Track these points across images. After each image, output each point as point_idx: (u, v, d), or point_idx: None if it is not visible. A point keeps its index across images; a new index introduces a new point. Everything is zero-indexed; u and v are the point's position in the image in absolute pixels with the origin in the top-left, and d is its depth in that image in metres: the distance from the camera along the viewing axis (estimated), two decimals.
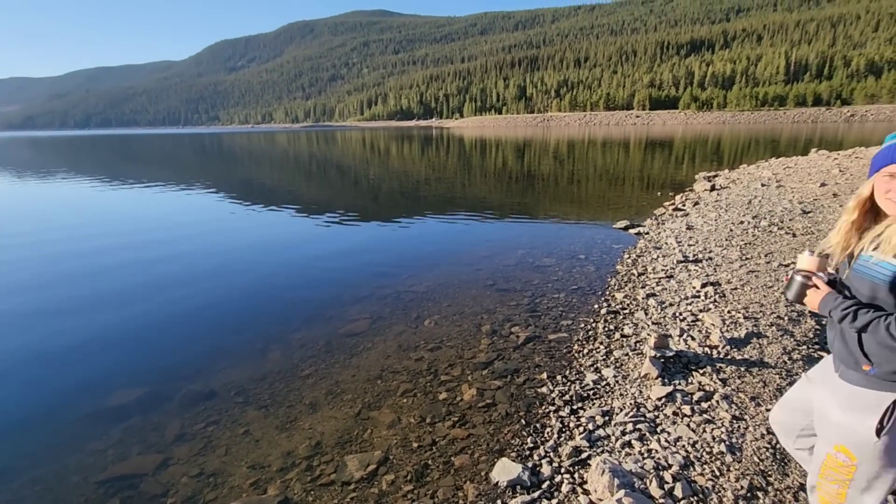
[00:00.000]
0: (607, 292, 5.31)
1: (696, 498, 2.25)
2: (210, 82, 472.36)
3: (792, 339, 3.78)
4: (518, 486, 2.47)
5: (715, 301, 4.59)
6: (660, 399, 3.05)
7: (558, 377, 3.58)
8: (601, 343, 4.04)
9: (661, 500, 2.23)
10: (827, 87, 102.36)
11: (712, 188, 11.37)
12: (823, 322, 4.05)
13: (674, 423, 2.83)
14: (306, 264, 7.10)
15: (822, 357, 3.13)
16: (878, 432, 1.41)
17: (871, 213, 1.48)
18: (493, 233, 8.97)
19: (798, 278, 1.56)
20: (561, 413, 3.09)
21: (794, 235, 6.78)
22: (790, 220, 7.65)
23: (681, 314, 4.35)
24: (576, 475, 2.49)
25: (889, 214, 1.41)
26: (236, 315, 5.30)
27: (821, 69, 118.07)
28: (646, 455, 2.57)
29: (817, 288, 1.51)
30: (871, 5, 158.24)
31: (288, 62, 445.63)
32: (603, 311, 4.75)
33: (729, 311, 4.31)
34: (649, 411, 2.96)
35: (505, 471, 2.56)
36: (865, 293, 1.42)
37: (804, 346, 3.69)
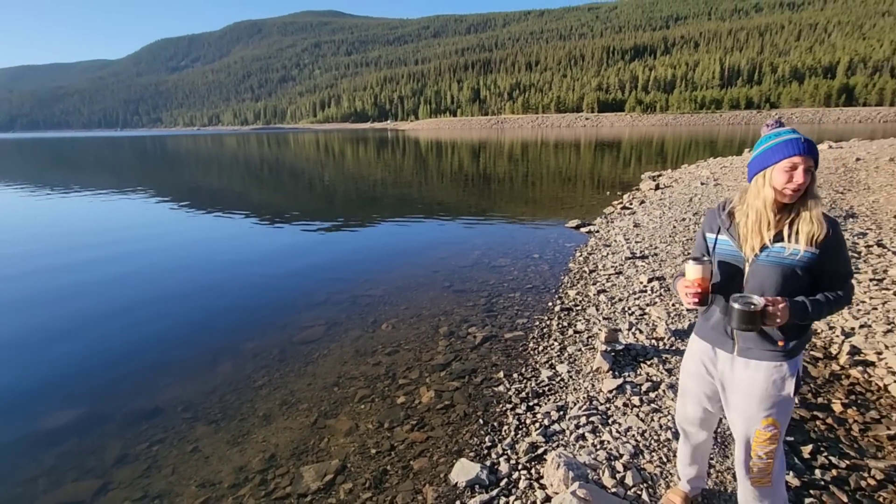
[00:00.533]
0: (561, 290, 5.46)
1: (645, 484, 2.35)
2: (151, 82, 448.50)
3: None
4: (477, 486, 2.49)
5: (660, 295, 4.81)
6: (611, 391, 3.16)
7: (515, 375, 3.64)
8: (555, 340, 4.15)
9: (614, 489, 2.31)
10: (757, 91, 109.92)
11: (657, 187, 11.92)
12: None
13: (624, 413, 2.94)
14: (258, 271, 6.87)
15: None
16: (795, 392, 1.66)
17: None
18: (450, 234, 9.01)
19: (737, 306, 1.51)
20: (518, 410, 3.15)
21: None
22: None
23: (629, 308, 4.54)
24: (532, 471, 2.54)
25: (786, 202, 1.57)
26: (183, 327, 5.05)
27: (751, 75, 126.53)
28: (598, 446, 2.66)
29: (773, 305, 1.50)
30: (793, 16, 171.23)
31: (235, 62, 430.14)
32: (557, 308, 4.87)
33: (673, 304, 4.53)
34: (601, 404, 3.07)
35: (464, 471, 2.57)
36: (780, 279, 1.57)
37: None
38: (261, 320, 5.09)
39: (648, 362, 3.52)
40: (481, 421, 3.11)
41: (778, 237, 1.58)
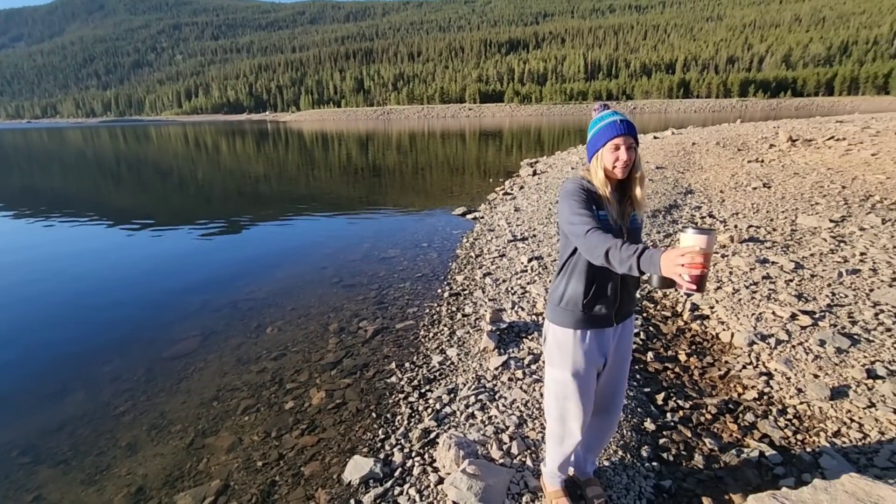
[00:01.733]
0: (449, 276, 5.60)
1: (529, 451, 2.51)
2: None
3: None
4: (371, 480, 2.46)
5: (539, 273, 5.17)
6: (497, 368, 3.33)
7: (406, 364, 3.66)
8: (445, 325, 4.25)
9: (501, 461, 2.44)
10: (615, 84, 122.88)
11: (534, 173, 12.76)
12: None
13: (509, 388, 3.11)
14: (119, 284, 6.04)
15: None
16: None
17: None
18: (339, 229, 8.76)
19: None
20: (410, 399, 3.17)
21: None
22: None
23: (512, 288, 4.80)
24: (426, 455, 2.58)
25: (619, 178, 1.71)
26: (18, 355, 4.25)
27: (610, 69, 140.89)
28: (487, 422, 2.78)
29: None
30: (640, 18, 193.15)
31: (73, 43, 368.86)
32: (446, 294, 4.99)
33: (550, 281, 4.89)
34: (489, 381, 3.21)
35: (357, 468, 2.53)
36: (639, 241, 1.78)
37: None
38: (121, 339, 4.49)
39: (530, 337, 3.77)
40: (374, 414, 3.08)
41: (630, 207, 1.76)
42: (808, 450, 2.46)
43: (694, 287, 1.26)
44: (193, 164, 22.51)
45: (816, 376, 3.02)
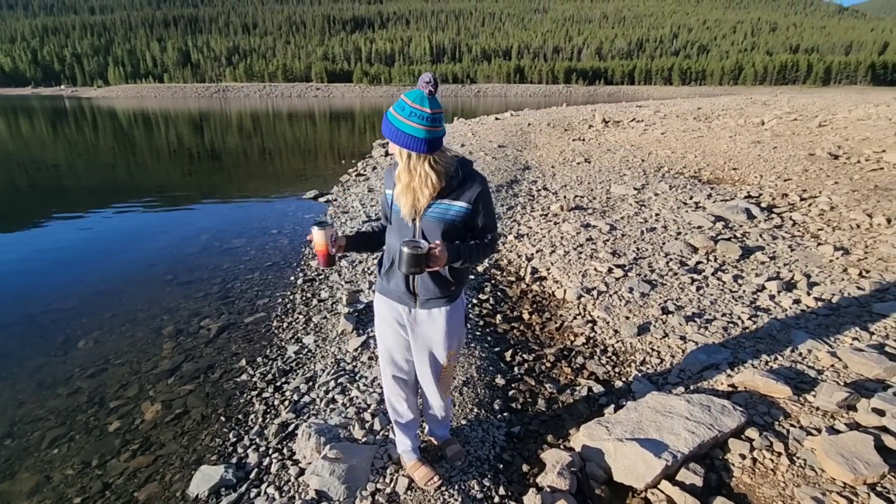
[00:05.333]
0: (302, 262, 5.33)
1: (390, 425, 2.53)
2: None
3: None
4: (223, 489, 2.25)
5: None
6: (356, 349, 3.28)
7: (259, 359, 3.40)
8: (300, 313, 4.04)
9: (364, 439, 2.42)
10: (460, 67, 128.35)
11: (387, 153, 12.74)
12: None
13: (370, 367, 3.10)
14: None
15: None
16: (465, 321, 1.99)
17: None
18: (171, 221, 7.69)
19: (407, 250, 1.57)
20: (265, 394, 2.96)
21: None
22: None
23: (369, 269, 4.77)
24: (285, 450, 2.44)
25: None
26: None
27: (454, 53, 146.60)
28: (349, 404, 2.73)
29: (435, 248, 1.59)
30: (478, 4, 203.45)
31: None
32: (300, 281, 4.74)
33: None
34: (349, 363, 3.15)
35: (205, 479, 2.28)
36: (440, 230, 1.68)
37: None
38: None
39: None
40: (223, 418, 2.81)
41: (441, 194, 1.66)
42: (623, 379, 2.93)
43: (322, 264, 1.78)
44: None
45: (627, 318, 3.59)
